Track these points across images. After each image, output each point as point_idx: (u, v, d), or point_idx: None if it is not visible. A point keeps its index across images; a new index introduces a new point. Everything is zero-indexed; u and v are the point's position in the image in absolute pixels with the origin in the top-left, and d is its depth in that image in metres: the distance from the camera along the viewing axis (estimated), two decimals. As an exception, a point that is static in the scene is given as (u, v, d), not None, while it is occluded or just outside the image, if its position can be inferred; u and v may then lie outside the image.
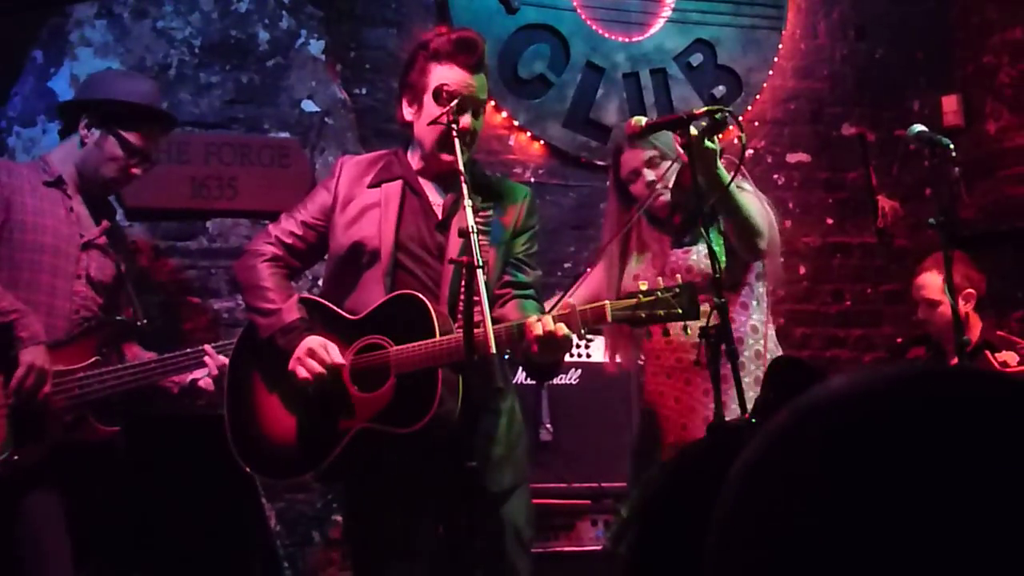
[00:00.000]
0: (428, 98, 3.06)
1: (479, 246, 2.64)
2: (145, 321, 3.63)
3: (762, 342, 3.45)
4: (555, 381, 4.22)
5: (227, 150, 4.50)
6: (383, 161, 3.19)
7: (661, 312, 2.79)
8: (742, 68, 5.58)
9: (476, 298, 2.63)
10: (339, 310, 3.05)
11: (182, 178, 4.44)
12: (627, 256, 3.57)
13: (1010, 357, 4.25)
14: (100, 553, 3.67)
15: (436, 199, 3.13)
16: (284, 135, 4.58)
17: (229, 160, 4.50)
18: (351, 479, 3.12)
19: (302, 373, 2.95)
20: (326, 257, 3.23)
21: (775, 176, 5.66)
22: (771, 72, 5.65)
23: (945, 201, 4.81)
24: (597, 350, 4.06)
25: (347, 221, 3.10)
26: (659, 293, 2.79)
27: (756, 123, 5.60)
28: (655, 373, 3.53)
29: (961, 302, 4.34)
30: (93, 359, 3.41)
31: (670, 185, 3.44)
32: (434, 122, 2.99)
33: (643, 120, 3.21)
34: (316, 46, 4.67)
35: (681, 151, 3.16)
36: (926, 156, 3.77)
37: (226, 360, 3.37)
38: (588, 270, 3.61)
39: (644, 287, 2.81)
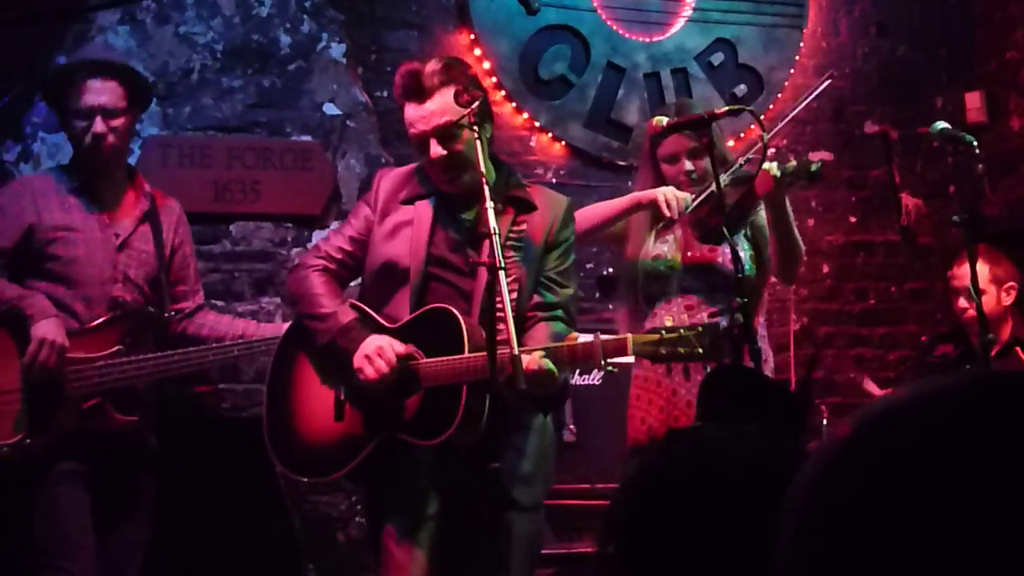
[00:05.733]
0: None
1: (512, 262, 2.64)
2: (173, 313, 3.61)
3: (762, 343, 3.47)
4: (578, 382, 4.21)
5: (249, 154, 4.52)
6: (417, 176, 3.17)
7: (682, 351, 2.77)
8: (763, 67, 5.57)
9: (499, 304, 2.62)
10: (379, 317, 3.06)
11: (205, 182, 4.46)
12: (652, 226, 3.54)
13: None
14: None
15: (466, 216, 3.11)
16: (306, 138, 4.60)
17: (251, 163, 4.51)
18: (372, 482, 3.13)
19: (369, 371, 2.94)
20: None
21: (797, 175, 5.63)
22: (792, 70, 5.63)
23: (969, 198, 4.77)
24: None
25: (382, 237, 3.11)
26: (682, 331, 2.79)
27: (778, 122, 5.58)
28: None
29: (1003, 295, 4.32)
30: (115, 348, 3.39)
31: (704, 181, 3.43)
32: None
33: (664, 120, 3.21)
34: (337, 49, 4.68)
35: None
36: (949, 153, 3.74)
37: None
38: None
39: (670, 322, 2.83)
